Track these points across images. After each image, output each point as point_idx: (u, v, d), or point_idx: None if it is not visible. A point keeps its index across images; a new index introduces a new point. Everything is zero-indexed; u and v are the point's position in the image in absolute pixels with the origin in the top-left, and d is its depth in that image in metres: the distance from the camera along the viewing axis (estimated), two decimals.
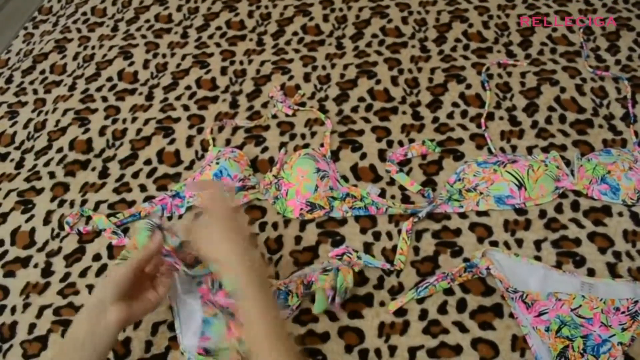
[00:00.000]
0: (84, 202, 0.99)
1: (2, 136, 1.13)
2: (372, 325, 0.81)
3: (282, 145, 1.04)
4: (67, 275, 0.90)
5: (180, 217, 0.95)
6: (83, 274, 0.90)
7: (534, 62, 1.13)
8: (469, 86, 1.10)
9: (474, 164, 0.96)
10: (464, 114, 1.05)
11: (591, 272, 0.83)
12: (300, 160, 0.95)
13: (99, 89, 1.19)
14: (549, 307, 0.78)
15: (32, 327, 0.85)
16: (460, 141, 1.01)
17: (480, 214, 0.91)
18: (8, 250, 0.95)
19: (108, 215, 0.95)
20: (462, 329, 0.80)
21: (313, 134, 1.05)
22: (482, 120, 1.03)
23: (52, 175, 1.04)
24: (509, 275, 0.83)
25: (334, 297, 0.80)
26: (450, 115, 1.05)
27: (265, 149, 1.03)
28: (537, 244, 0.87)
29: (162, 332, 0.83)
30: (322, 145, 1.02)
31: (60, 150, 1.08)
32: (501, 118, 1.04)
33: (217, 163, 0.94)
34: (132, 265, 0.70)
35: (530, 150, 0.98)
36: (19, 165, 1.07)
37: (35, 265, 0.92)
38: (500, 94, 1.08)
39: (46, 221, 0.98)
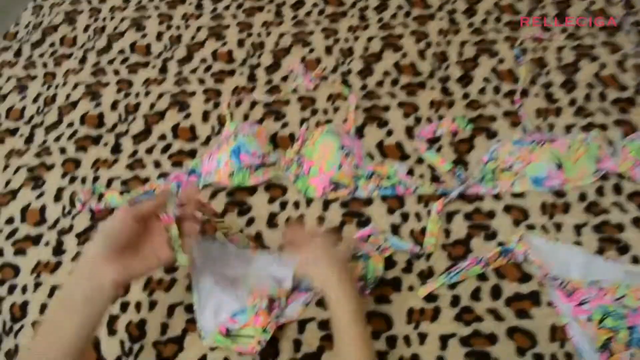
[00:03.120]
0: (96, 179, 0.95)
1: (11, 111, 1.08)
2: (400, 311, 0.76)
3: (304, 120, 0.98)
4: (79, 254, 0.86)
5: None
6: None
7: (570, 36, 1.06)
8: (501, 61, 1.03)
9: (509, 142, 0.90)
10: (496, 89, 0.99)
11: (636, 260, 0.78)
12: (324, 136, 0.89)
13: (110, 62, 1.14)
14: (591, 296, 0.73)
15: (43, 307, 0.82)
16: (493, 118, 0.95)
17: (515, 195, 0.86)
18: (18, 227, 0.91)
19: (121, 193, 0.91)
20: (497, 317, 0.75)
21: (336, 109, 0.99)
22: (517, 97, 0.97)
23: (62, 150, 0.99)
24: (548, 261, 0.78)
25: (363, 287, 0.76)
26: (482, 91, 0.99)
27: (285, 125, 0.98)
28: (577, 229, 0.81)
29: (179, 314, 0.79)
30: (345, 120, 0.97)
31: (71, 125, 1.03)
32: (537, 95, 0.97)
33: (235, 139, 0.89)
34: (127, 215, 0.62)
35: (568, 129, 0.92)
36: (29, 140, 1.02)
37: (47, 244, 0.88)
38: (535, 69, 1.01)
39: (57, 198, 0.93)
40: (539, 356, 0.71)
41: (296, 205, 0.88)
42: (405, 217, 0.85)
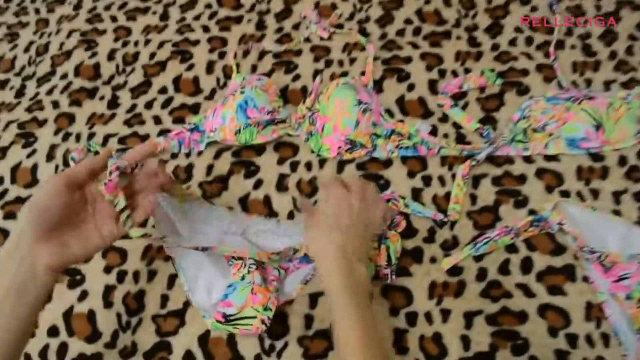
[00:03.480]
0: (91, 136, 0.88)
1: (1, 61, 1.00)
2: (421, 284, 0.70)
3: (317, 72, 0.89)
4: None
5: (199, 153, 0.83)
6: None
7: None
8: (534, 9, 0.93)
9: (542, 99, 0.81)
10: (528, 40, 0.89)
11: None
12: (339, 90, 0.81)
13: (107, 8, 1.05)
14: (631, 271, 0.66)
15: None
16: (524, 72, 0.86)
17: (549, 158, 0.77)
18: (8, 189, 0.85)
19: (118, 151, 0.84)
20: (528, 292, 0.68)
21: (352, 61, 0.90)
22: (551, 49, 0.87)
23: (55, 104, 0.92)
24: (584, 232, 0.70)
25: (391, 272, 0.69)
26: (512, 42, 0.89)
27: (297, 77, 0.89)
28: (616, 196, 0.74)
29: (180, 285, 0.73)
30: (363, 73, 0.88)
31: (64, 76, 0.95)
32: (573, 47, 0.88)
33: (242, 92, 0.81)
34: (59, 183, 0.51)
35: (607, 85, 0.83)
36: (20, 93, 0.95)
37: None
38: (572, 19, 0.91)
39: (50, 157, 0.87)
40: (573, 337, 0.65)
41: (308, 166, 0.80)
42: (427, 180, 0.77)
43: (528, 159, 0.78)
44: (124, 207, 0.56)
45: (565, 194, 0.74)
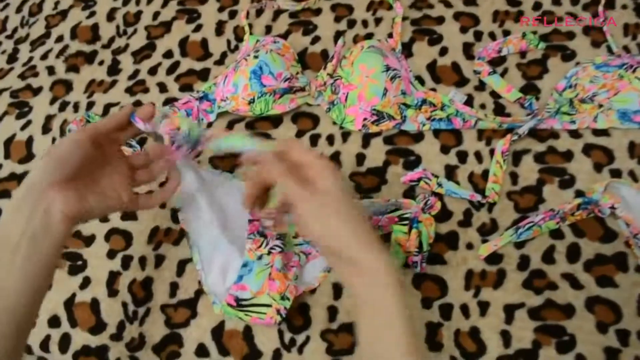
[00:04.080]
0: (90, 105, 0.81)
1: None
2: (457, 274, 0.64)
3: (339, 34, 0.81)
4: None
5: (209, 125, 0.76)
6: None
7: None
8: None
9: (591, 66, 0.72)
10: None
11: None
12: (364, 54, 0.72)
13: None
14: None
15: None
16: (570, 35, 0.77)
17: (598, 132, 0.69)
18: (1, 164, 0.78)
19: None
20: (575, 284, 0.62)
21: (378, 21, 0.81)
22: (600, 9, 0.78)
23: (51, 70, 0.84)
24: (638, 216, 0.63)
25: (421, 260, 0.62)
26: (556, 1, 0.80)
27: (316, 39, 0.81)
28: None
29: (191, 272, 0.68)
30: (390, 35, 0.79)
31: (60, 39, 0.87)
32: (624, 7, 0.78)
33: (256, 57, 0.73)
34: (84, 136, 0.50)
35: None
36: (12, 58, 0.87)
37: None
38: None
39: (46, 128, 0.80)
40: (624, 333, 0.59)
41: (330, 139, 0.73)
42: (462, 157, 0.70)
43: (575, 134, 0.70)
44: None
45: (616, 173, 0.67)
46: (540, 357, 0.59)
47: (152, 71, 0.82)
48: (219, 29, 0.84)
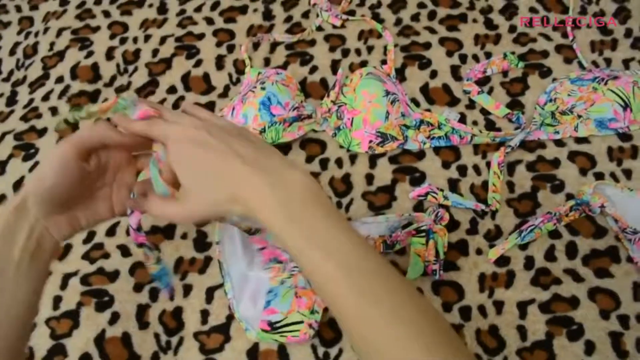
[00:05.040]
0: None
1: None
2: (471, 278, 0.69)
3: (335, 63, 0.86)
4: (91, 235, 0.74)
5: None
6: (111, 231, 0.74)
7: None
8: None
9: (567, 81, 0.80)
10: (545, 20, 0.88)
11: None
12: (365, 81, 0.78)
13: (97, 2, 0.97)
14: None
15: (57, 300, 0.70)
16: (545, 54, 0.85)
17: (579, 140, 0.77)
18: None
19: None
20: (576, 277, 0.68)
21: (370, 49, 0.87)
22: (569, 29, 0.86)
23: (54, 111, 0.85)
24: (623, 213, 0.70)
25: (439, 267, 0.67)
26: (528, 23, 0.88)
27: (314, 69, 0.85)
28: None
29: (220, 298, 0.69)
30: (383, 62, 0.85)
31: (60, 79, 0.88)
32: (589, 26, 0.87)
33: (263, 88, 0.77)
34: (69, 154, 0.46)
35: (626, 63, 0.83)
36: (11, 101, 0.87)
37: None
38: None
39: None
40: (624, 318, 0.65)
41: (339, 162, 0.77)
42: (462, 170, 0.76)
43: (559, 143, 0.77)
44: (157, 176, 0.49)
45: (599, 176, 0.74)
46: (554, 347, 0.64)
47: None
48: (219, 63, 0.87)
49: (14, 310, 0.46)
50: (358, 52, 0.87)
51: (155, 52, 0.89)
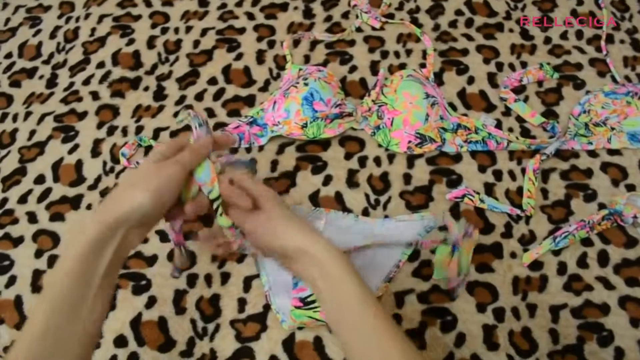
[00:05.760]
0: (139, 129, 0.82)
1: (24, 47, 0.92)
2: (505, 280, 0.70)
3: (374, 64, 0.87)
4: None
5: (261, 148, 0.80)
6: None
7: None
8: (580, 2, 0.94)
9: (601, 94, 0.82)
10: (579, 34, 0.90)
11: None
12: (406, 82, 0.79)
13: None
14: None
15: None
16: (579, 66, 0.87)
17: (612, 152, 0.79)
18: (51, 187, 0.78)
19: None
20: (607, 285, 0.69)
21: (408, 52, 0.88)
22: (602, 44, 0.88)
23: (95, 95, 0.86)
24: None
25: (458, 285, 0.67)
26: (563, 36, 0.90)
27: (353, 68, 0.87)
28: None
29: (258, 288, 0.70)
30: (422, 66, 0.86)
31: (101, 65, 0.89)
32: (622, 41, 0.89)
33: (306, 84, 0.78)
34: (181, 174, 0.50)
35: None
36: (51, 83, 0.88)
37: (89, 207, 0.76)
38: (617, 13, 0.93)
39: (95, 152, 0.81)
40: None
41: (377, 161, 0.78)
42: (498, 175, 0.77)
43: (592, 153, 0.79)
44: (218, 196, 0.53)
45: (631, 188, 0.76)
46: (585, 352, 0.65)
47: (199, 97, 0.84)
48: (260, 57, 0.88)
49: (93, 330, 0.47)
50: (397, 54, 0.88)
51: (196, 44, 0.90)
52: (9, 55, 0.92)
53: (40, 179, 0.79)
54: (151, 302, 0.70)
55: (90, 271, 0.46)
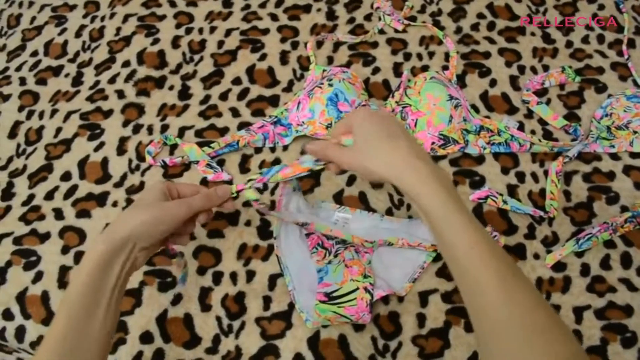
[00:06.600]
0: (164, 128, 0.83)
1: (50, 45, 0.93)
2: None
3: (397, 66, 0.88)
4: None
5: (285, 148, 0.80)
6: None
7: None
8: (601, 7, 0.94)
9: (623, 97, 0.83)
10: (600, 38, 0.91)
11: None
12: (429, 84, 0.80)
13: None
14: None
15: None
16: (600, 70, 0.87)
17: (634, 155, 0.79)
18: (77, 184, 0.79)
19: (200, 145, 0.79)
20: (631, 287, 0.70)
21: (431, 54, 0.89)
22: (624, 48, 0.89)
23: (120, 94, 0.86)
24: None
25: None
26: (585, 40, 0.90)
27: (376, 70, 0.87)
28: None
29: (283, 286, 0.71)
30: (444, 68, 0.87)
31: (126, 64, 0.90)
32: None
33: (330, 85, 0.79)
34: (186, 212, 0.56)
35: None
36: (77, 81, 0.89)
37: (114, 204, 0.77)
38: (638, 18, 0.93)
39: (120, 150, 0.81)
40: None
41: None
42: (521, 177, 0.78)
43: (614, 156, 0.79)
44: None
45: None
46: (608, 353, 0.66)
47: (223, 97, 0.85)
48: (284, 58, 0.89)
49: (105, 337, 0.52)
50: (419, 56, 0.89)
51: (220, 44, 0.91)
52: (34, 54, 0.93)
53: (66, 176, 0.80)
54: (177, 299, 0.70)
55: (102, 279, 0.52)
